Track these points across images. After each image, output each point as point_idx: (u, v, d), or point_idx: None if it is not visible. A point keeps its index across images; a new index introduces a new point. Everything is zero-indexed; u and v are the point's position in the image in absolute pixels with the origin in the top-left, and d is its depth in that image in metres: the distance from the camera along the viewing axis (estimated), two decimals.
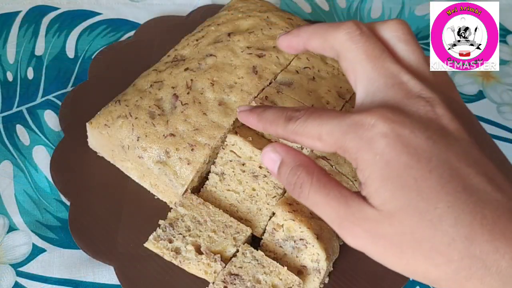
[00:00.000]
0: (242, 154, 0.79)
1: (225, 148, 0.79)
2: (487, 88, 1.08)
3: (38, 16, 1.08)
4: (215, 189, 0.79)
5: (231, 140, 0.79)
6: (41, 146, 0.91)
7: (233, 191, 0.78)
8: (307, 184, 0.56)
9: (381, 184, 0.51)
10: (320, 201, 0.55)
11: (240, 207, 0.78)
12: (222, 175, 0.79)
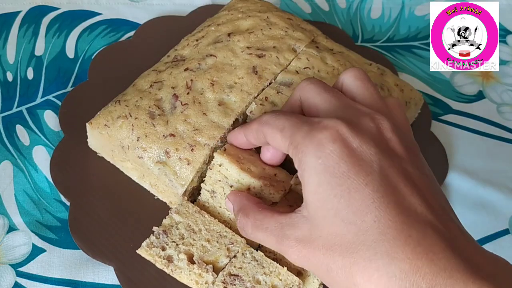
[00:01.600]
0: (229, 175, 0.73)
1: (212, 168, 0.74)
2: (487, 88, 1.08)
3: (38, 16, 1.08)
4: (208, 205, 0.77)
5: (218, 160, 0.73)
6: (41, 146, 0.91)
7: (225, 209, 0.75)
8: (248, 227, 0.63)
9: (316, 189, 0.54)
10: (262, 236, 0.61)
11: (233, 224, 0.75)
12: (213, 193, 0.76)
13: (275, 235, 0.59)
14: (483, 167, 0.95)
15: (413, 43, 1.13)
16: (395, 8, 1.20)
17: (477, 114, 1.04)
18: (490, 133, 1.01)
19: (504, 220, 0.91)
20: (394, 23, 1.17)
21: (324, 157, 0.53)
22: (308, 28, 0.98)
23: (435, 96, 1.05)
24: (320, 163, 0.53)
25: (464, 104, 1.05)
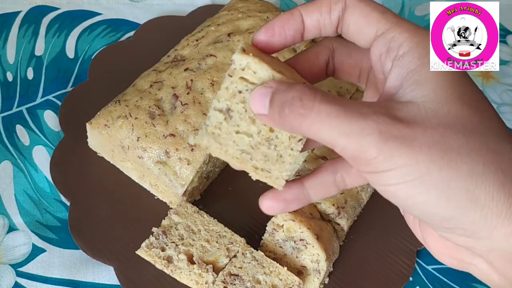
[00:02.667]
0: (257, 80, 0.54)
1: (232, 75, 0.54)
2: (487, 88, 1.08)
3: (38, 16, 1.08)
4: (219, 132, 0.54)
5: (242, 62, 0.53)
6: (41, 146, 0.91)
7: (244, 133, 0.55)
8: (311, 97, 0.46)
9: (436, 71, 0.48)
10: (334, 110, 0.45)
11: (254, 153, 0.55)
12: (228, 113, 0.55)
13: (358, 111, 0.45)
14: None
15: None
16: (395, 8, 1.20)
17: None
18: None
19: None
20: None
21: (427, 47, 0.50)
22: None
23: None
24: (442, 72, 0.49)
25: None
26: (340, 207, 0.81)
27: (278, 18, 0.54)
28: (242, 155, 0.55)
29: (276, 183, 0.55)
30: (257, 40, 0.55)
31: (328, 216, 0.82)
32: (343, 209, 0.82)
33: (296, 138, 0.53)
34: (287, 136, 0.54)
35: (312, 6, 0.53)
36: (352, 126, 0.44)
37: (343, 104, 0.46)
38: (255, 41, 0.55)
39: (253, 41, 0.55)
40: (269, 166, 0.55)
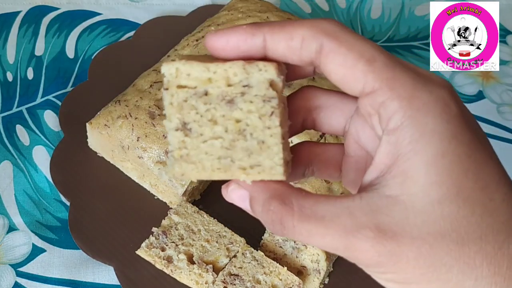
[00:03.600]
0: (195, 81, 0.48)
1: (168, 87, 0.48)
2: (487, 88, 1.08)
3: (38, 16, 1.08)
4: (187, 151, 0.48)
5: (171, 70, 0.48)
6: (41, 146, 0.91)
7: (212, 138, 0.48)
8: (289, 218, 0.43)
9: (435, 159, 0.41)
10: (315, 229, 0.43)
11: (234, 154, 0.48)
12: (185, 127, 0.49)
13: (339, 225, 0.42)
14: None
15: (413, 43, 1.13)
16: (395, 8, 1.20)
17: (477, 114, 1.03)
18: (490, 133, 1.01)
19: None
20: (394, 23, 1.17)
21: (452, 121, 0.41)
22: None
23: None
24: (448, 128, 0.41)
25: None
26: None
27: (235, 33, 0.46)
28: (222, 162, 0.48)
29: (273, 174, 0.47)
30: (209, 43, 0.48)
31: None
32: None
33: (267, 114, 0.47)
34: (256, 117, 0.48)
35: (278, 34, 0.45)
36: (334, 243, 0.42)
37: (322, 218, 0.42)
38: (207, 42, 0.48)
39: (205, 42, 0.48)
40: (257, 159, 0.47)
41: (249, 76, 0.47)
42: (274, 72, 0.46)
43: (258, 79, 0.46)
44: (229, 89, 0.48)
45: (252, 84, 0.47)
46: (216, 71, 0.48)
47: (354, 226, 0.41)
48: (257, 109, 0.47)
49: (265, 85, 0.46)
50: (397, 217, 0.41)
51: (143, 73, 0.91)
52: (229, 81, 0.48)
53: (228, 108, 0.48)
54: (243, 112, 0.48)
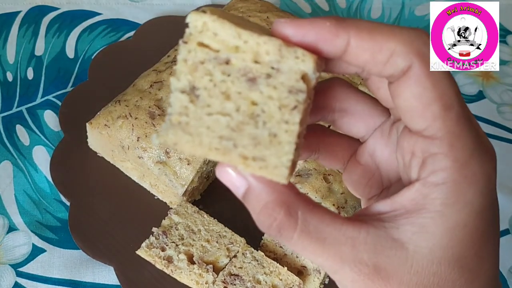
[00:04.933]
0: (220, 44, 0.42)
1: (188, 41, 0.42)
2: (487, 88, 1.08)
3: (38, 16, 1.08)
4: (187, 119, 0.42)
5: (197, 22, 0.42)
6: (41, 146, 0.91)
7: (219, 113, 0.42)
8: (291, 230, 0.42)
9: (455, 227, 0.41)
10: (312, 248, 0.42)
11: (238, 138, 0.42)
12: (192, 92, 0.43)
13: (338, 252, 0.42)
14: None
15: None
16: (395, 8, 1.20)
17: (477, 114, 1.03)
18: (490, 133, 1.01)
19: (504, 220, 0.91)
20: (394, 23, 1.17)
21: (486, 197, 0.42)
22: None
23: None
24: (480, 204, 0.41)
25: None
26: (340, 207, 0.81)
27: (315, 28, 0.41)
28: (223, 143, 0.42)
29: (276, 174, 0.41)
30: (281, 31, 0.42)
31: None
32: (343, 209, 0.81)
33: (288, 106, 0.42)
34: (276, 106, 0.42)
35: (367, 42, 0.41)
36: (325, 264, 0.42)
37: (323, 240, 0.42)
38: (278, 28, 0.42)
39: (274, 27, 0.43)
40: (262, 152, 0.42)
41: (282, 60, 0.41)
42: (311, 66, 0.41)
43: (291, 67, 0.41)
44: (254, 66, 0.42)
45: (282, 70, 0.42)
46: (247, 41, 0.42)
47: (353, 258, 0.41)
48: (279, 98, 0.42)
49: (296, 76, 0.42)
50: (396, 262, 0.41)
51: (143, 73, 0.91)
52: (258, 57, 0.42)
53: (247, 86, 0.42)
54: (263, 95, 0.42)
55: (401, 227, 0.42)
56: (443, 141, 0.41)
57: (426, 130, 0.41)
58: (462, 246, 0.41)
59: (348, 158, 0.52)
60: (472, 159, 0.41)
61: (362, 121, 0.50)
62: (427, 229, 0.41)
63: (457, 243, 0.41)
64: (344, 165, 0.52)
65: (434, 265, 0.41)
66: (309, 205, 0.43)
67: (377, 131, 0.50)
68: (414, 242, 0.41)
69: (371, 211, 0.44)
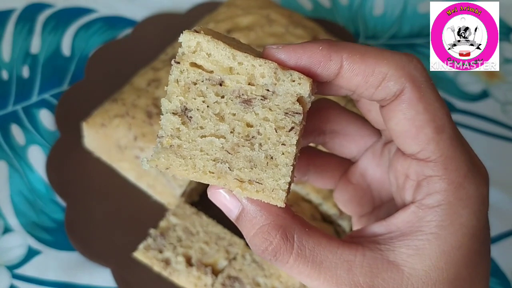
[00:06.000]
0: (214, 65, 0.42)
1: (180, 61, 0.43)
2: (491, 87, 1.07)
3: (33, 13, 1.07)
4: (179, 142, 0.42)
5: (191, 42, 0.43)
6: (37, 146, 0.90)
7: (213, 135, 0.42)
8: (286, 253, 0.42)
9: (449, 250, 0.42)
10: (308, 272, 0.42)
11: (233, 161, 0.42)
12: (185, 114, 0.43)
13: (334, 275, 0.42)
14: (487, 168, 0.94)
15: (416, 41, 1.12)
16: (398, 5, 1.19)
17: (481, 113, 1.02)
18: (494, 132, 1.00)
19: (509, 222, 0.90)
20: (396, 20, 1.16)
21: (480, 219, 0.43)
22: (309, 25, 0.96)
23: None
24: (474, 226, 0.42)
25: (468, 103, 1.04)
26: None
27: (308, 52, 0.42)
28: (218, 166, 0.42)
29: (273, 198, 0.42)
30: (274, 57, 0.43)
31: (330, 218, 0.81)
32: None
33: (285, 128, 0.42)
34: (272, 128, 0.42)
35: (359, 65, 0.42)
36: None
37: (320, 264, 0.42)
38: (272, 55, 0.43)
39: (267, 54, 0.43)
40: (259, 175, 0.42)
41: (278, 83, 0.42)
42: (308, 90, 0.42)
43: (287, 90, 0.42)
44: (249, 88, 0.42)
45: (278, 92, 0.42)
46: (242, 62, 0.42)
47: (349, 281, 0.42)
48: (276, 120, 0.42)
49: (292, 99, 0.42)
50: (391, 284, 0.42)
51: (140, 71, 0.90)
52: (253, 80, 0.42)
53: (242, 107, 0.43)
54: (258, 118, 0.42)
55: (397, 250, 0.42)
56: (437, 163, 0.41)
57: (420, 153, 0.42)
58: (457, 267, 0.42)
59: (339, 178, 0.53)
60: (466, 181, 0.42)
61: (353, 142, 0.51)
62: (423, 251, 0.42)
63: (452, 265, 0.42)
64: (335, 185, 0.53)
65: (429, 286, 0.42)
66: (305, 227, 0.43)
67: (368, 151, 0.50)
68: (409, 264, 0.42)
69: (366, 233, 0.45)
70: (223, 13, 0.97)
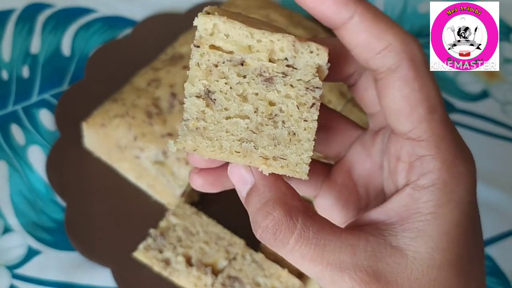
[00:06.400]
0: (233, 45, 0.43)
1: (200, 45, 0.43)
2: (491, 86, 1.07)
3: (33, 13, 1.07)
4: (205, 124, 0.43)
5: (207, 25, 0.42)
6: (37, 146, 0.90)
7: (238, 116, 0.43)
8: (287, 232, 0.41)
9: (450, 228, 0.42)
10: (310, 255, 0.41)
11: (258, 139, 0.43)
12: (209, 96, 0.43)
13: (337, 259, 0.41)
14: (487, 168, 0.94)
15: None
16: (398, 5, 1.19)
17: (481, 113, 1.02)
18: (494, 132, 1.00)
19: (509, 221, 0.90)
20: (396, 20, 1.15)
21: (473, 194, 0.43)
22: (309, 26, 0.96)
23: None
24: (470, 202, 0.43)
25: (468, 103, 1.04)
26: None
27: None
28: (243, 146, 0.43)
29: (298, 171, 0.43)
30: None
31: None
32: None
33: (306, 104, 0.43)
34: (294, 105, 0.43)
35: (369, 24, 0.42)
36: (325, 275, 0.42)
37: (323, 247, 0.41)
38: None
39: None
40: (283, 151, 0.43)
41: (297, 56, 0.43)
42: (325, 59, 0.42)
43: (307, 62, 0.43)
44: (270, 65, 0.43)
45: (298, 66, 0.43)
46: (260, 39, 0.43)
47: (352, 265, 0.41)
48: (297, 97, 0.43)
49: (312, 71, 0.43)
50: (396, 269, 0.41)
51: (140, 71, 0.90)
52: (273, 56, 0.43)
53: (264, 86, 0.44)
54: (280, 95, 0.44)
55: (399, 234, 0.42)
56: (429, 143, 0.41)
57: (411, 132, 0.42)
58: (458, 247, 0.42)
59: (320, 183, 0.52)
60: (456, 159, 0.42)
61: (338, 135, 0.51)
62: (424, 232, 0.41)
63: (454, 245, 0.42)
64: (317, 191, 0.52)
65: (434, 270, 0.41)
66: (309, 212, 0.43)
67: (356, 143, 0.50)
68: (413, 248, 0.41)
69: (365, 221, 0.44)
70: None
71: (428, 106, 0.41)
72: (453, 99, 1.04)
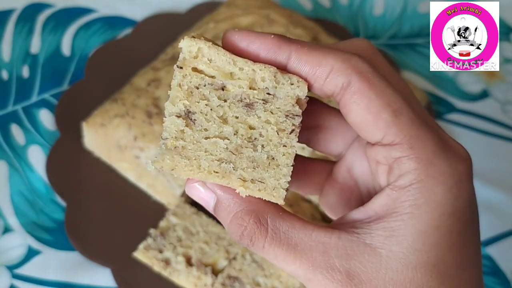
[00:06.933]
0: (216, 70, 0.44)
1: (182, 66, 0.44)
2: (491, 87, 1.07)
3: (33, 13, 1.07)
4: (183, 143, 0.43)
5: (192, 48, 0.44)
6: (37, 146, 0.90)
7: (217, 137, 0.44)
8: (261, 238, 0.43)
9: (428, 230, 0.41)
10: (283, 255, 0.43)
11: (237, 161, 0.44)
12: (189, 116, 0.44)
13: (309, 258, 0.42)
14: (487, 168, 0.94)
15: (416, 41, 1.12)
16: (398, 5, 1.19)
17: (481, 113, 1.02)
18: (494, 132, 1.00)
19: (509, 221, 0.90)
20: (396, 20, 1.16)
21: (459, 198, 0.42)
22: (309, 25, 0.96)
23: (438, 94, 1.04)
24: (453, 204, 0.42)
25: (468, 103, 1.04)
26: None
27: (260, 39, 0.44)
28: (222, 166, 0.43)
29: (274, 196, 0.43)
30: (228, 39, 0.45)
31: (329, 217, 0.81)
32: None
33: (286, 130, 0.44)
34: (274, 131, 0.44)
35: (306, 56, 0.43)
36: (300, 273, 0.43)
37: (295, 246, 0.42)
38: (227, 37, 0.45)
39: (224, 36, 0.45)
40: (261, 174, 0.44)
41: (278, 86, 0.44)
42: (305, 91, 0.44)
43: (287, 93, 0.44)
44: (251, 92, 0.44)
45: (278, 96, 0.44)
46: (243, 67, 0.44)
47: (324, 264, 0.42)
48: (277, 123, 0.44)
49: (292, 101, 0.44)
50: (369, 267, 0.41)
51: (140, 71, 0.90)
52: (254, 84, 0.44)
53: (244, 111, 0.45)
54: (261, 120, 0.44)
55: (374, 232, 0.42)
56: (402, 145, 0.42)
57: (384, 139, 0.42)
58: (438, 249, 0.41)
59: (324, 182, 0.53)
60: (435, 157, 0.41)
61: (338, 134, 0.51)
62: (399, 232, 0.41)
63: (432, 247, 0.41)
64: (321, 190, 0.53)
65: (409, 270, 0.41)
66: (278, 211, 0.44)
67: (355, 142, 0.50)
68: (387, 247, 0.42)
69: (346, 220, 0.45)
70: (223, 13, 0.97)
71: (392, 110, 0.42)
72: (453, 99, 1.04)
